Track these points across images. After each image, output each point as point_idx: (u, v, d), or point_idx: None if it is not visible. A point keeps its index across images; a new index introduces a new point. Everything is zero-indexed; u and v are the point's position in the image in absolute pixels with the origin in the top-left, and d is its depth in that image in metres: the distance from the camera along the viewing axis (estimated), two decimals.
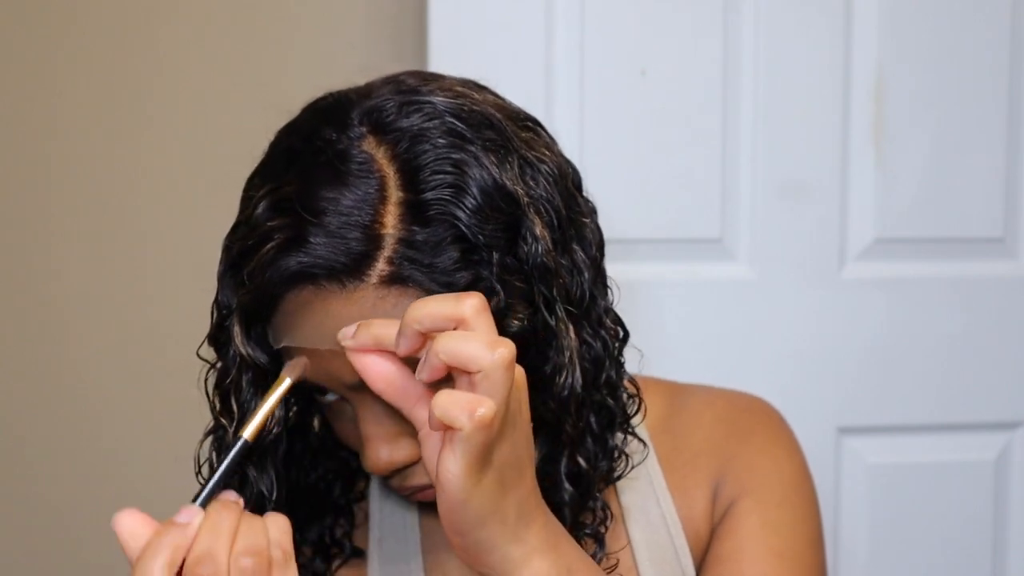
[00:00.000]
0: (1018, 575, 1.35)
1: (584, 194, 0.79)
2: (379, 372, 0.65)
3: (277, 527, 0.62)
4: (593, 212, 0.79)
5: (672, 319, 1.27)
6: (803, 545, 0.82)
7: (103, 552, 1.29)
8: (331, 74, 1.29)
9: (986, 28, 1.28)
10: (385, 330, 0.64)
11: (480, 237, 0.66)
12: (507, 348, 0.61)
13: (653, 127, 1.25)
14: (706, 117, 1.25)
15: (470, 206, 0.66)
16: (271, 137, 0.75)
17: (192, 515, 0.60)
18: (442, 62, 1.19)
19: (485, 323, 0.62)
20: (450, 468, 0.61)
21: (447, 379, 0.63)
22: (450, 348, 0.61)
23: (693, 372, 1.02)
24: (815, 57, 1.26)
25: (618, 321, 0.78)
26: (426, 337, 0.62)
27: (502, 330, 0.67)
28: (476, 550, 0.65)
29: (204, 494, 0.63)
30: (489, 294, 0.67)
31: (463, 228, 0.66)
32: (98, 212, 1.30)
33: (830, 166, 1.27)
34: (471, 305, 0.61)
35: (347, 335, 0.65)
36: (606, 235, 0.81)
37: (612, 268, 0.80)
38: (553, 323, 0.70)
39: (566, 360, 0.71)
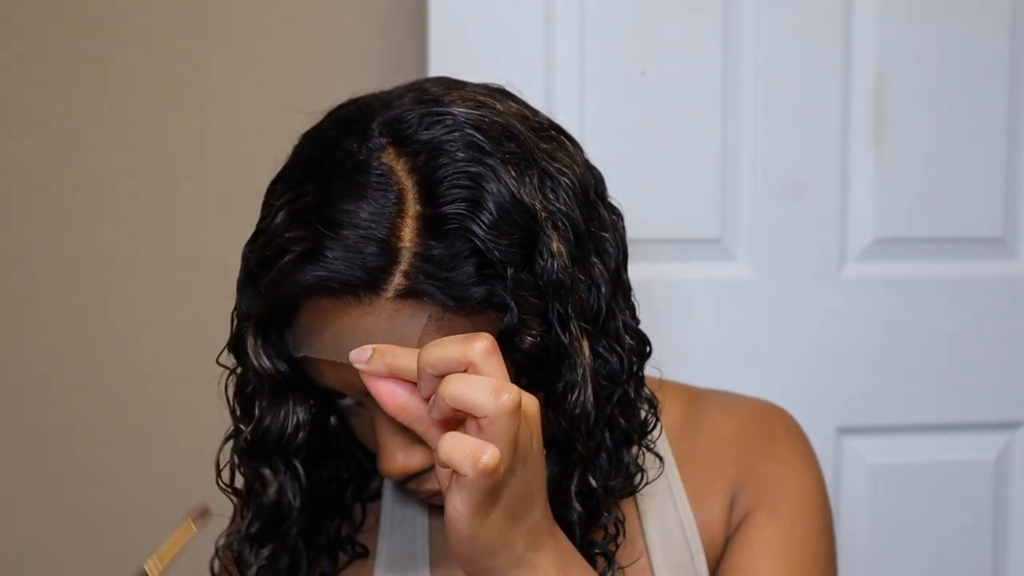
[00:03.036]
0: (1018, 575, 1.35)
1: (609, 200, 0.78)
2: (393, 397, 0.65)
3: None
4: (616, 223, 0.77)
5: (672, 319, 1.27)
6: (816, 560, 0.83)
7: (119, 548, 1.29)
8: (331, 74, 1.31)
9: (986, 27, 1.28)
10: (399, 361, 0.64)
11: (496, 252, 0.66)
12: (512, 394, 0.61)
13: (653, 127, 1.25)
14: (706, 117, 1.25)
15: (486, 221, 0.66)
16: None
17: None
18: (442, 62, 1.19)
19: (494, 365, 0.62)
20: (457, 507, 0.62)
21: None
22: (455, 393, 0.61)
23: (693, 373, 1.02)
24: (815, 57, 1.26)
25: (639, 336, 0.78)
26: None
27: (516, 346, 0.67)
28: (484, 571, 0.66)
29: None
30: (502, 310, 0.67)
31: (479, 243, 0.66)
32: (104, 212, 1.30)
33: (830, 166, 1.27)
34: (479, 349, 0.62)
35: (361, 358, 0.65)
36: None
37: None
38: (567, 340, 0.69)
39: (579, 377, 0.70)
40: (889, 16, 1.27)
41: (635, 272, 1.25)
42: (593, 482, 0.74)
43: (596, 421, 0.72)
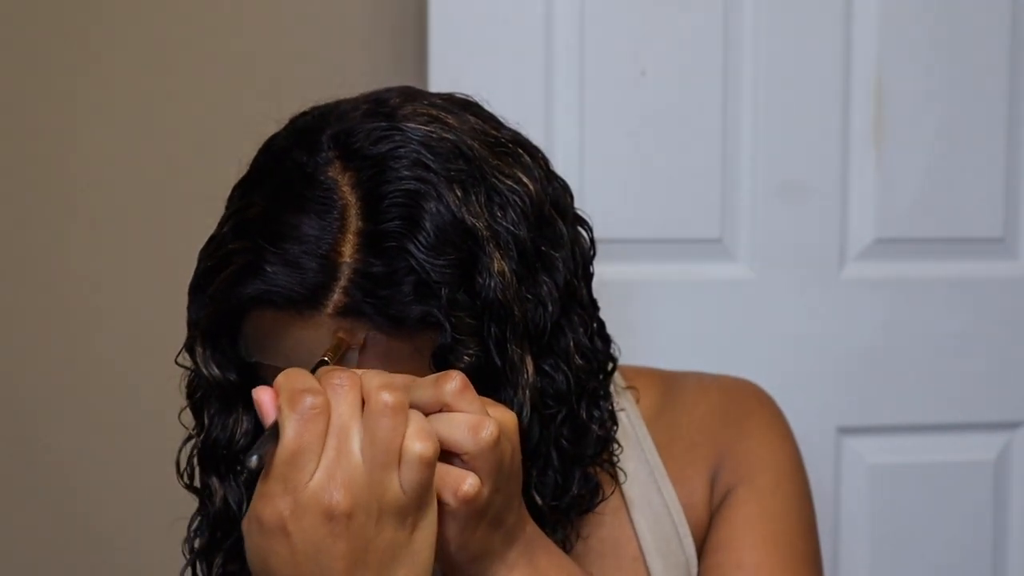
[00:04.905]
0: (1018, 575, 1.35)
1: (576, 212, 0.78)
2: None
3: None
4: (577, 237, 0.77)
5: (672, 319, 1.27)
6: (797, 531, 0.85)
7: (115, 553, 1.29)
8: (331, 74, 1.30)
9: (986, 28, 1.28)
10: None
11: (431, 273, 0.66)
12: (490, 428, 0.62)
13: (653, 127, 1.25)
14: (706, 117, 1.25)
15: (423, 241, 0.67)
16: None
17: None
18: (442, 62, 1.19)
19: (468, 400, 0.63)
20: (443, 531, 0.64)
21: None
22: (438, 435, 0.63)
23: None
24: (815, 57, 1.26)
25: (594, 354, 0.77)
26: None
27: (452, 365, 0.68)
28: (464, 574, 0.68)
29: None
30: (437, 329, 0.67)
31: (415, 263, 0.66)
32: (99, 211, 1.30)
33: (830, 166, 1.27)
34: (450, 390, 0.63)
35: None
36: (606, 235, 0.80)
37: (612, 268, 0.80)
38: (503, 361, 0.69)
39: (518, 397, 0.71)
40: (889, 16, 1.27)
41: (635, 272, 1.26)
42: (538, 499, 0.74)
43: (540, 441, 0.73)
